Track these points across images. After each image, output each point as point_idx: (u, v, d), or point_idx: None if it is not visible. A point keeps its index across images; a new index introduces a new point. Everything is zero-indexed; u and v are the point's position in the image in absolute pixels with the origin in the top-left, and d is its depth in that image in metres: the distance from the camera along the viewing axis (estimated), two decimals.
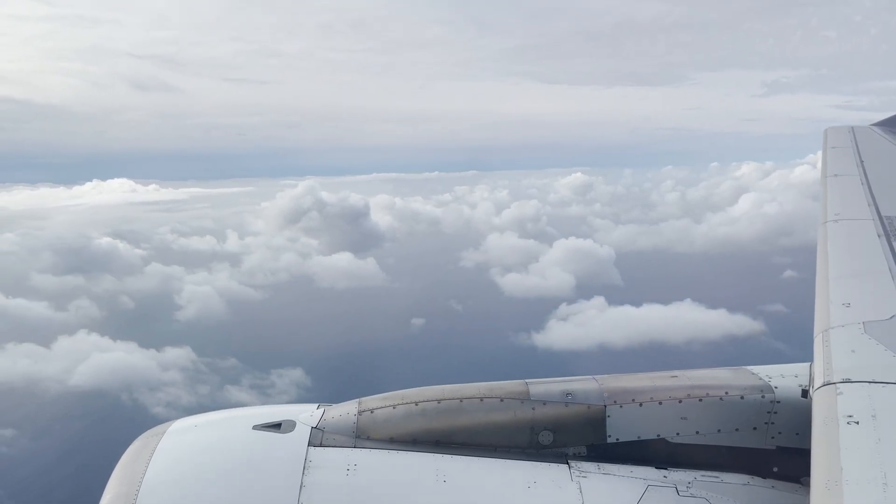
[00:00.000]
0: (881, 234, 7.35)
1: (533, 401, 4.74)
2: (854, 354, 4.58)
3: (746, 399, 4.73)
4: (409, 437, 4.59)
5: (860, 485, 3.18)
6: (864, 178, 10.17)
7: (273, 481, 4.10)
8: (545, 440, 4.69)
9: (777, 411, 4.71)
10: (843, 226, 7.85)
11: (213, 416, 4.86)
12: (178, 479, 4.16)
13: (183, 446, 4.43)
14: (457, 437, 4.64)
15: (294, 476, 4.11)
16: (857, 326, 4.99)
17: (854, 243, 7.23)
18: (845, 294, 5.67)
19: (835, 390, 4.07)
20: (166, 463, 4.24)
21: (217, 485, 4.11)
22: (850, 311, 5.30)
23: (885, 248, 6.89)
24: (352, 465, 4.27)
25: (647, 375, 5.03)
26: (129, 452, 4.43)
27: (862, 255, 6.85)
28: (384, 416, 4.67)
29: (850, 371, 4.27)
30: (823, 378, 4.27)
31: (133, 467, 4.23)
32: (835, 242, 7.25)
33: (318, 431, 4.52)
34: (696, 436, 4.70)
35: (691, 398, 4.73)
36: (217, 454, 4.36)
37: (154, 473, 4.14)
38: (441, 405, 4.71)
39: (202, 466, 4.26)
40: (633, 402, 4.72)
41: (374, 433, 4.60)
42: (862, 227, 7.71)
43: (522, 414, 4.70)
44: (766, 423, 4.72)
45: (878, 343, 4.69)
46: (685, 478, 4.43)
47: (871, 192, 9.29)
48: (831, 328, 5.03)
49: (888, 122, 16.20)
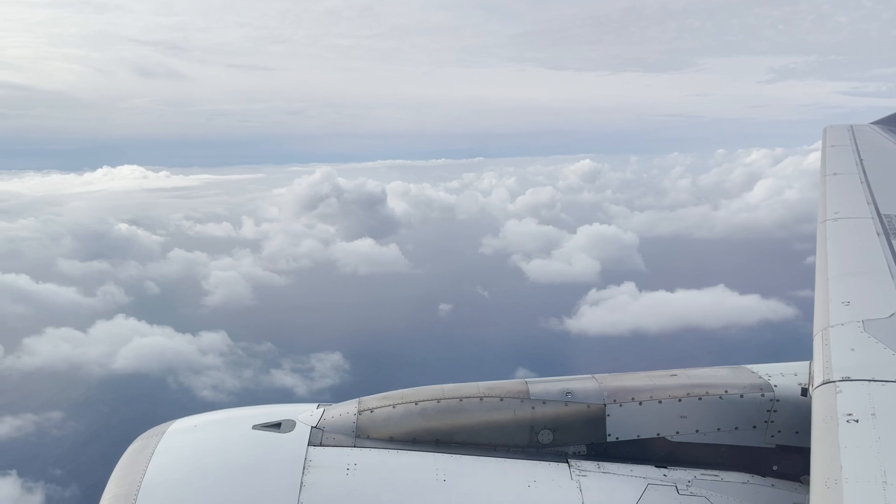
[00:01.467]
0: (880, 233, 7.32)
1: (533, 400, 4.74)
2: (853, 353, 4.56)
3: (746, 398, 4.73)
4: (408, 436, 4.60)
5: (860, 483, 3.20)
6: (863, 177, 10.13)
7: (273, 481, 4.10)
8: (545, 439, 4.69)
9: (777, 410, 4.72)
10: (842, 224, 7.82)
11: (213, 415, 4.85)
12: (178, 479, 4.16)
13: (183, 446, 4.42)
14: (457, 437, 4.64)
15: (294, 476, 4.11)
16: (856, 325, 4.98)
17: (853, 242, 7.22)
18: (845, 292, 5.67)
19: (834, 389, 4.07)
20: (166, 463, 4.24)
21: (217, 484, 4.11)
22: (850, 310, 5.30)
23: (885, 247, 6.86)
24: (352, 465, 4.27)
25: (647, 374, 5.03)
26: (129, 453, 4.42)
27: (861, 253, 6.82)
28: (384, 416, 4.68)
29: (850, 369, 4.26)
30: (823, 376, 4.26)
31: (133, 467, 4.23)
32: (834, 241, 7.24)
33: (318, 431, 4.53)
34: (696, 434, 4.70)
35: (691, 397, 4.73)
36: (217, 454, 4.36)
37: (154, 473, 4.15)
38: (441, 404, 4.72)
39: (202, 466, 4.26)
40: (632, 401, 4.73)
41: (373, 432, 4.61)
42: (861, 226, 7.68)
43: (522, 413, 4.70)
44: (766, 422, 4.72)
45: (877, 341, 4.68)
46: (685, 476, 4.44)
47: (870, 190, 9.26)
48: (831, 326, 5.02)
49: (887, 120, 16.30)
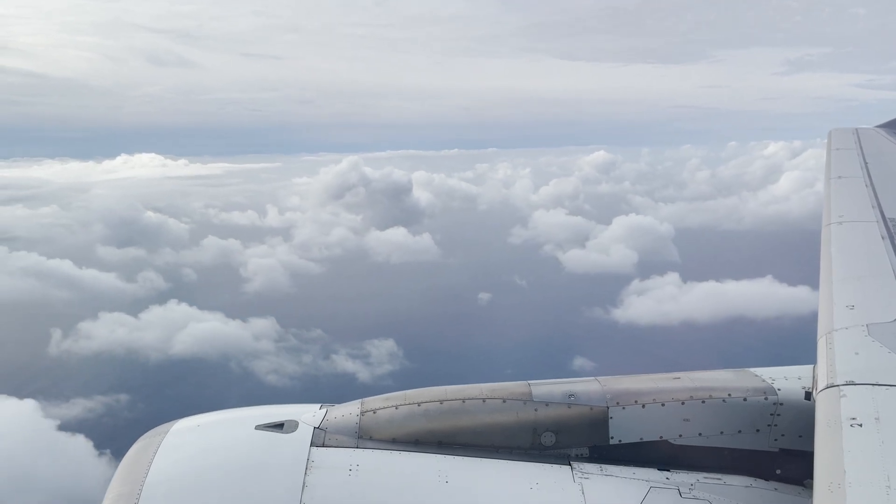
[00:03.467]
0: (885, 237, 7.28)
1: (535, 402, 4.74)
2: (857, 357, 4.55)
3: (749, 401, 4.72)
4: (411, 437, 4.59)
5: (863, 487, 3.18)
6: (868, 180, 10.07)
7: (276, 481, 4.10)
8: (547, 441, 4.68)
9: (780, 413, 4.70)
10: (847, 228, 7.77)
11: (216, 415, 4.85)
12: (181, 479, 4.16)
13: (185, 446, 4.42)
14: (459, 438, 4.63)
15: (296, 476, 4.12)
16: (860, 328, 4.96)
17: (858, 245, 7.19)
18: (849, 296, 5.64)
19: (838, 392, 4.06)
20: (169, 463, 4.24)
21: (220, 485, 4.11)
22: (854, 314, 5.27)
23: (889, 251, 6.82)
24: (354, 466, 4.27)
25: (650, 377, 5.03)
26: (132, 452, 4.42)
27: (866, 257, 6.79)
28: (386, 417, 4.68)
29: (854, 373, 4.25)
30: (827, 380, 4.25)
31: (136, 467, 4.23)
32: (839, 244, 7.20)
33: (321, 431, 4.53)
34: (699, 437, 4.69)
35: (694, 400, 4.72)
36: (220, 454, 4.36)
37: (157, 473, 4.14)
38: (443, 406, 4.72)
39: (205, 466, 4.26)
40: (635, 404, 4.72)
41: (376, 433, 4.60)
42: (866, 230, 7.64)
43: (525, 415, 4.70)
44: (769, 426, 4.70)
45: (881, 345, 4.66)
46: (688, 479, 4.43)
47: (875, 194, 9.23)
48: (835, 330, 5.00)
49: (893, 123, 16.21)
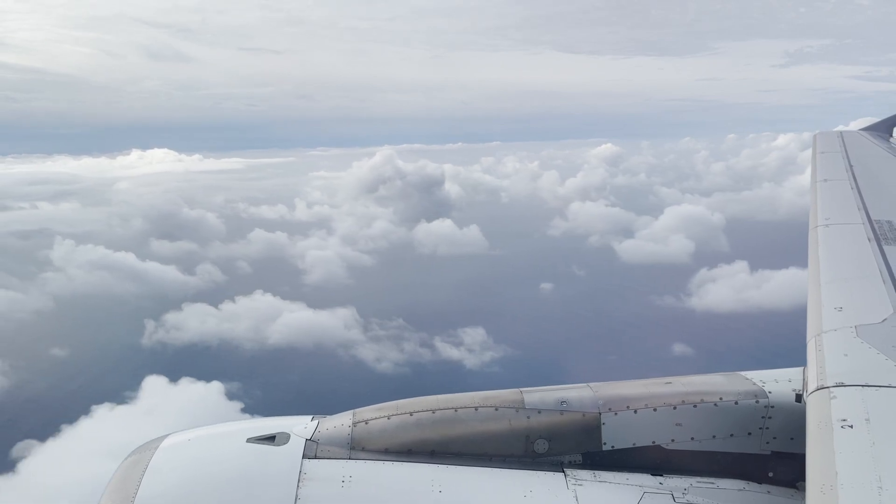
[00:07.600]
0: (871, 238, 7.34)
1: (528, 409, 4.74)
2: (847, 358, 4.57)
3: (741, 404, 4.75)
4: (403, 447, 4.58)
5: (855, 488, 3.20)
6: (853, 183, 10.14)
7: (268, 494, 4.09)
8: (540, 448, 4.69)
9: (771, 416, 4.73)
10: (833, 230, 7.80)
11: (207, 430, 4.81)
12: (172, 494, 4.13)
13: (176, 461, 4.38)
14: (452, 447, 4.63)
15: (289, 489, 4.10)
16: (849, 330, 4.99)
17: (845, 247, 7.23)
18: (837, 298, 5.68)
19: (828, 394, 4.07)
20: (160, 478, 4.21)
21: (211, 499, 4.09)
22: (843, 315, 5.30)
23: (876, 252, 6.87)
24: (347, 477, 4.26)
25: (642, 382, 5.06)
26: (122, 468, 4.38)
27: (853, 259, 6.84)
28: (379, 427, 4.66)
29: (844, 375, 4.27)
30: (817, 382, 4.27)
31: (126, 483, 4.18)
32: (826, 247, 7.25)
33: (313, 443, 4.51)
34: (692, 442, 4.71)
35: (686, 404, 4.75)
36: (211, 468, 4.33)
37: (148, 488, 4.11)
38: (436, 415, 4.71)
39: (196, 481, 4.23)
40: (627, 409, 4.74)
41: (368, 444, 4.58)
42: (852, 232, 7.69)
43: (517, 423, 4.70)
44: (761, 429, 4.73)
45: (870, 346, 4.70)
46: (681, 484, 4.45)
47: (860, 196, 9.29)
48: (824, 332, 5.03)
49: (876, 126, 16.53)
